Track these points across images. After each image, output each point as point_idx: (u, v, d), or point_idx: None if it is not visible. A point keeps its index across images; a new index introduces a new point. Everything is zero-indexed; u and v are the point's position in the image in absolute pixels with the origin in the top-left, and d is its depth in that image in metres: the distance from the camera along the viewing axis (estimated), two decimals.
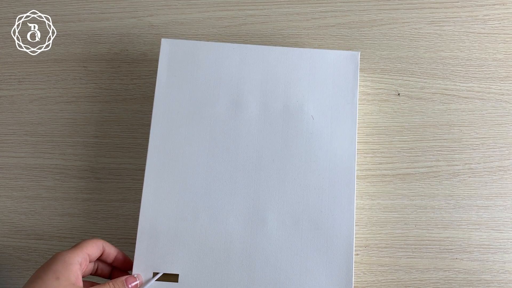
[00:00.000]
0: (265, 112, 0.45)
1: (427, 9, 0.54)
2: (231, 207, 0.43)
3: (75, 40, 0.55)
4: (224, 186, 0.44)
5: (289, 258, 0.42)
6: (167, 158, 0.44)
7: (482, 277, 0.48)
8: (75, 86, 0.54)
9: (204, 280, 0.42)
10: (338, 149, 0.44)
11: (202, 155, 0.44)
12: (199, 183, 0.44)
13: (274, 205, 0.43)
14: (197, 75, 0.46)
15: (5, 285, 0.49)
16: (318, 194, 0.43)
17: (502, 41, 0.53)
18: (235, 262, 0.42)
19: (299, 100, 0.45)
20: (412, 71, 0.53)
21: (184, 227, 0.43)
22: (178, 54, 0.46)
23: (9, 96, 0.54)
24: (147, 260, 0.42)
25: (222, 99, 0.45)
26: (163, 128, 0.45)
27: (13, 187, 0.51)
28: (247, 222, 0.43)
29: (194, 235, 0.43)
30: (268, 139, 0.45)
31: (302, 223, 0.43)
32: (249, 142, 0.44)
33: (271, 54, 0.46)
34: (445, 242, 0.49)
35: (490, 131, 0.51)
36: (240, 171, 0.44)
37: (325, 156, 0.44)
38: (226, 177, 0.44)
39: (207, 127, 0.45)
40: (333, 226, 0.43)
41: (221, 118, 0.45)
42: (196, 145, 0.45)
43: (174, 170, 0.44)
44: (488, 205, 0.49)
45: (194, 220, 0.43)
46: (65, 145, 0.52)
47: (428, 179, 0.50)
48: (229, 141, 0.45)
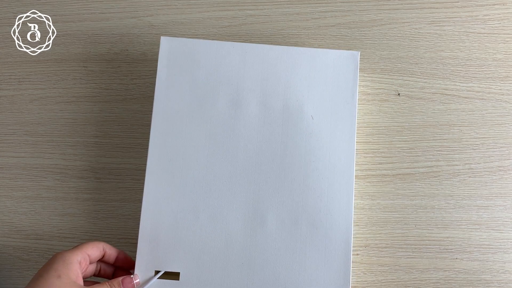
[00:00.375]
0: (264, 111, 0.45)
1: (427, 9, 0.54)
2: (231, 206, 0.44)
3: (75, 40, 0.55)
4: (224, 185, 0.44)
5: (288, 257, 0.42)
6: (168, 157, 0.44)
7: (482, 277, 0.48)
8: (75, 86, 0.54)
9: (205, 278, 0.42)
10: (337, 149, 0.45)
11: (202, 154, 0.44)
12: (199, 182, 0.44)
13: (273, 204, 0.43)
14: (197, 74, 0.46)
15: (5, 285, 0.49)
16: (317, 194, 0.44)
17: (502, 41, 0.53)
18: (235, 260, 0.42)
19: (298, 99, 0.45)
20: (412, 71, 0.53)
21: (184, 226, 0.43)
22: (177, 52, 0.46)
23: (9, 96, 0.54)
24: (148, 259, 0.42)
25: (222, 98, 0.45)
26: (163, 127, 0.45)
27: (13, 187, 0.51)
28: (247, 221, 0.43)
29: (195, 234, 0.43)
30: (267, 138, 0.45)
31: (301, 223, 0.43)
32: (249, 141, 0.45)
33: (271, 53, 0.46)
34: (445, 242, 0.49)
35: (490, 131, 0.51)
36: (239, 170, 0.44)
37: (324, 156, 0.44)
38: (225, 176, 0.44)
39: (207, 126, 0.45)
40: (331, 226, 0.43)
41: (221, 117, 0.45)
42: (196, 144, 0.45)
43: (175, 169, 0.44)
44: (488, 205, 0.49)
45: (194, 219, 0.43)
46: (65, 145, 0.52)
47: (428, 179, 0.50)
48: (228, 141, 0.45)
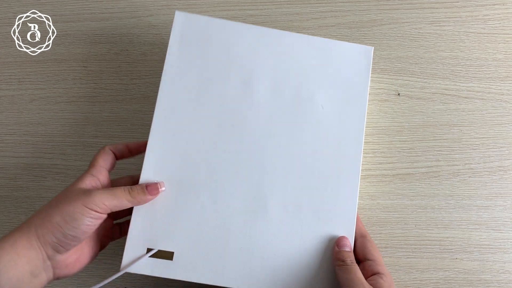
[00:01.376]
0: (275, 96, 0.44)
1: (427, 9, 0.54)
2: (233, 188, 0.42)
3: (75, 40, 0.55)
4: (228, 166, 0.42)
5: (288, 244, 0.41)
6: (171, 132, 0.43)
7: (482, 277, 0.48)
8: (75, 86, 0.54)
9: (200, 260, 0.40)
10: (345, 139, 0.44)
11: (207, 132, 0.43)
12: (202, 161, 0.42)
13: (277, 190, 0.42)
14: (209, 51, 0.45)
15: None
16: (322, 185, 0.43)
17: (502, 41, 0.53)
18: (233, 245, 0.41)
19: (310, 88, 0.44)
20: (412, 71, 0.53)
21: (183, 205, 0.41)
22: (191, 28, 0.45)
23: (9, 96, 0.54)
24: (141, 235, 0.41)
25: (233, 78, 0.44)
26: (169, 101, 0.43)
27: (13, 187, 0.51)
28: (248, 205, 0.42)
29: (193, 214, 0.41)
30: (276, 123, 0.44)
31: (304, 212, 0.42)
32: (257, 125, 0.43)
33: (286, 39, 0.45)
34: (445, 242, 0.49)
35: (490, 131, 0.51)
36: (245, 152, 0.43)
37: (331, 146, 0.43)
38: (230, 157, 0.43)
39: (214, 104, 0.44)
40: (335, 218, 0.42)
41: (230, 97, 0.44)
42: (201, 122, 0.43)
43: (177, 145, 0.43)
44: (488, 205, 0.49)
45: (194, 198, 0.42)
46: (65, 145, 0.52)
47: (428, 179, 0.50)
48: (236, 122, 0.43)
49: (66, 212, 0.35)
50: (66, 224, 0.35)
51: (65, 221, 0.35)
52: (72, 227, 0.35)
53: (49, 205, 0.36)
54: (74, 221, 0.35)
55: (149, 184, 0.40)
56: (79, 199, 0.36)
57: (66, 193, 0.37)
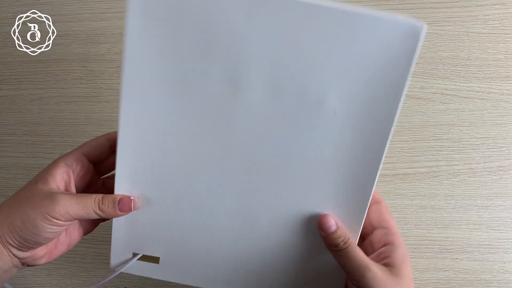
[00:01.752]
0: (273, 95, 0.32)
1: (427, 9, 0.54)
2: (219, 200, 0.36)
3: (75, 40, 0.55)
4: (212, 177, 0.35)
5: (279, 254, 0.37)
6: (143, 135, 0.34)
7: (482, 277, 0.48)
8: (75, 86, 0.54)
9: (186, 264, 0.39)
10: (359, 158, 0.33)
11: (185, 140, 0.34)
12: (181, 171, 0.35)
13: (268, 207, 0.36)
14: (182, 35, 0.31)
15: (5, 285, 0.49)
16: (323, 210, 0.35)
17: (502, 41, 0.53)
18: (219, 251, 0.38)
19: (321, 86, 0.31)
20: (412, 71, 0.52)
21: (165, 213, 0.37)
22: (156, 4, 0.30)
23: (9, 96, 0.54)
24: (125, 239, 0.38)
25: (216, 72, 0.31)
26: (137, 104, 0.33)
27: (13, 187, 0.51)
28: (236, 219, 0.37)
29: (176, 221, 0.37)
30: (271, 133, 0.33)
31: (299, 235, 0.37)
32: (247, 134, 0.33)
33: (292, 10, 0.29)
34: (445, 242, 0.49)
35: (490, 131, 0.51)
36: (232, 164, 0.34)
37: (340, 164, 0.33)
38: (215, 168, 0.35)
39: (192, 107, 0.33)
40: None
41: (212, 98, 0.32)
42: (179, 132, 0.34)
43: (153, 150, 0.35)
44: (488, 205, 0.49)
45: (176, 211, 0.37)
46: (65, 145, 0.52)
47: (428, 179, 0.50)
48: (221, 131, 0.33)
49: (27, 217, 0.32)
50: (26, 230, 0.32)
51: (26, 227, 0.32)
52: (32, 233, 0.32)
53: (10, 204, 0.33)
54: (34, 227, 0.32)
55: (122, 199, 0.35)
56: (42, 205, 0.32)
57: (31, 190, 0.34)
